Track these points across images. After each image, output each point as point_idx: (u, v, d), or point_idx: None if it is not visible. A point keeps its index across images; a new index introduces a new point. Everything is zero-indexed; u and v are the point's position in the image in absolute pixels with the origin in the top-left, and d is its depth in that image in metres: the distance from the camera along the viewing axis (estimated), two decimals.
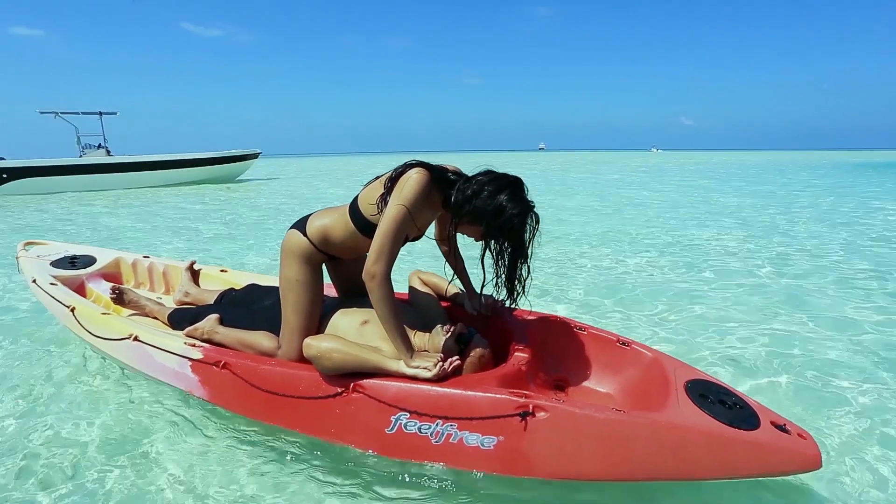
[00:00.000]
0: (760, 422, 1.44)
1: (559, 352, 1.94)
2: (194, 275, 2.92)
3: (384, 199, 1.65)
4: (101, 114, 17.31)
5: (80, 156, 16.33)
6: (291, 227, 1.90)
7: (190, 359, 1.93)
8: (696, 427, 1.38)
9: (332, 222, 1.82)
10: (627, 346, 1.86)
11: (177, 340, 2.02)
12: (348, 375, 1.63)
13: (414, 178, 1.60)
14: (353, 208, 1.77)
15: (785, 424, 1.46)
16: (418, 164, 1.65)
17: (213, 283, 2.90)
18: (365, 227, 1.74)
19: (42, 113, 16.65)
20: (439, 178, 1.66)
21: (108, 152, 16.69)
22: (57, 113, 16.68)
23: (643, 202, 9.66)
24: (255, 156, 18.02)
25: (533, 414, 1.42)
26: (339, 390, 1.62)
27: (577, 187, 13.25)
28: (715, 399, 1.52)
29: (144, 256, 3.15)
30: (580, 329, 1.96)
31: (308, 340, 1.65)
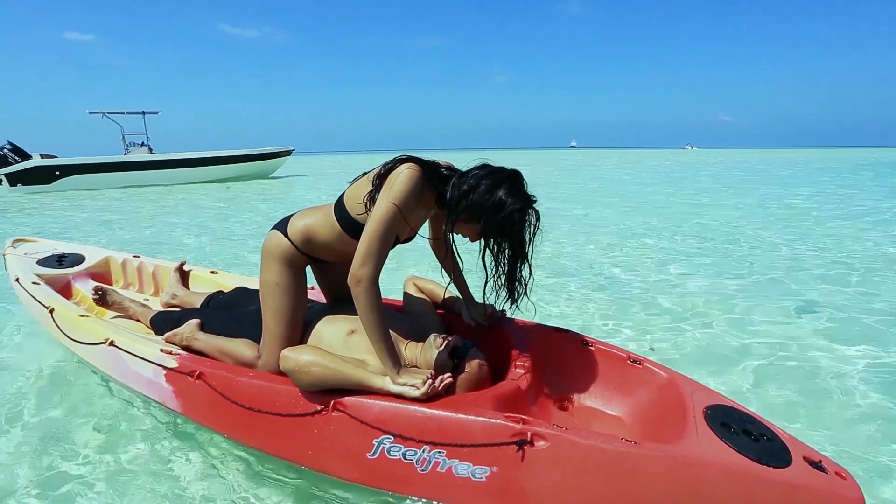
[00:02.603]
0: (792, 457, 1.26)
1: (564, 368, 1.77)
2: (183, 276, 2.80)
3: (372, 197, 1.51)
4: (143, 113, 17.90)
5: (125, 153, 16.95)
6: (273, 228, 1.76)
7: (164, 367, 1.79)
8: (718, 463, 1.21)
9: (316, 222, 1.69)
10: (639, 364, 1.68)
11: (153, 347, 1.88)
12: (329, 392, 1.48)
13: (405, 174, 1.46)
14: (339, 207, 1.63)
15: (821, 461, 1.28)
16: (409, 159, 1.52)
17: (203, 286, 2.77)
18: (351, 227, 1.60)
19: (91, 113, 17.33)
20: (432, 173, 1.52)
21: (150, 150, 17.24)
22: (104, 113, 17.31)
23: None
24: (287, 153, 18.45)
25: (531, 443, 1.25)
26: (319, 408, 1.47)
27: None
28: (739, 429, 1.34)
29: (134, 256, 3.04)
30: (587, 343, 1.79)
31: (285, 352, 1.50)
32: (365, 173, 1.62)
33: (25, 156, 14.81)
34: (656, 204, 9.06)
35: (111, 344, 1.96)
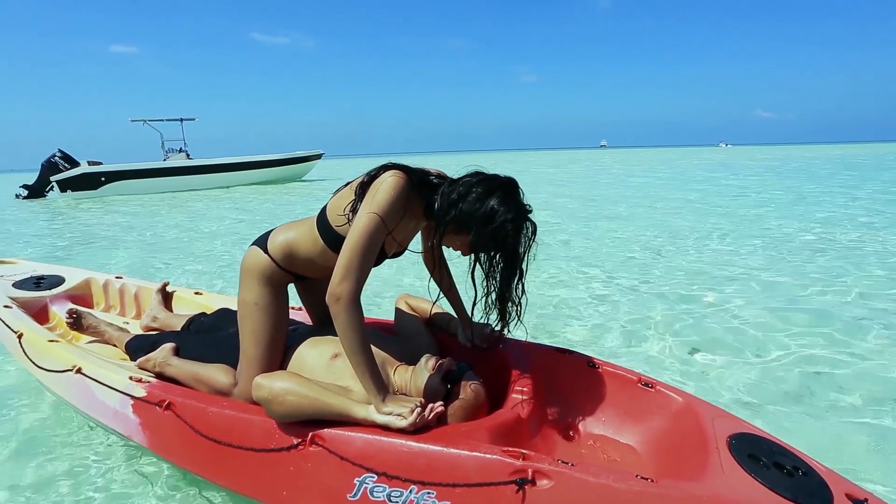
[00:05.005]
0: (833, 495, 1.10)
1: (569, 393, 1.62)
2: (166, 298, 2.66)
3: (354, 207, 1.39)
4: (181, 120, 18.62)
5: (164, 159, 17.66)
6: (252, 244, 1.64)
7: (132, 397, 1.64)
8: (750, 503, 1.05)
9: (298, 237, 1.57)
10: (651, 387, 1.53)
11: (122, 374, 1.73)
12: (308, 423, 1.32)
13: (388, 183, 1.34)
14: (322, 220, 1.51)
15: (867, 500, 1.11)
16: (394, 167, 1.40)
17: (187, 308, 2.63)
18: (334, 241, 1.47)
19: (133, 121, 18.16)
20: (420, 181, 1.40)
21: (188, 156, 17.93)
22: (145, 120, 18.10)
23: None
24: (318, 156, 19.00)
25: (533, 482, 1.09)
26: (295, 442, 1.31)
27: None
28: (769, 462, 1.18)
29: (117, 277, 2.90)
30: (594, 365, 1.64)
31: (258, 380, 1.36)
32: (348, 183, 1.51)
33: (74, 163, 15.52)
34: (682, 209, 8.72)
35: (78, 371, 1.81)
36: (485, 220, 1.32)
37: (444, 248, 1.55)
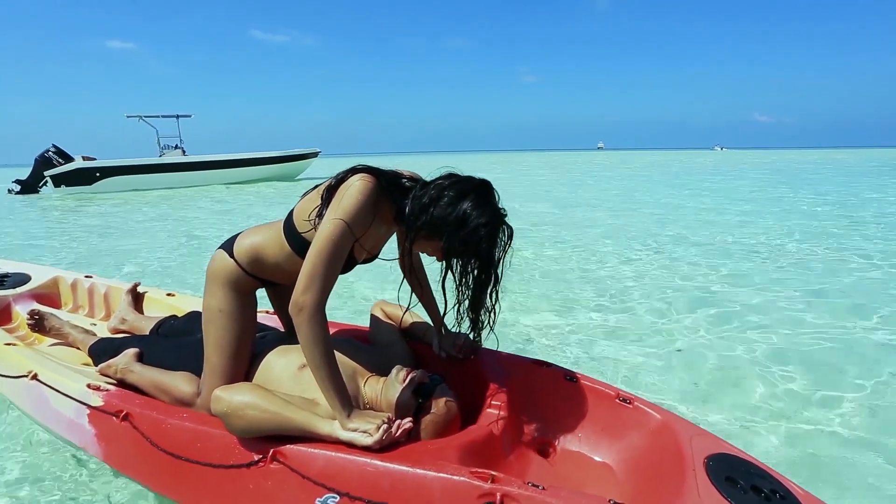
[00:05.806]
0: None
1: (545, 407, 1.57)
2: (137, 299, 2.57)
3: (320, 212, 1.34)
4: (177, 116, 18.41)
5: (160, 156, 17.51)
6: (219, 248, 1.57)
7: (88, 406, 1.56)
8: None
9: (264, 241, 1.50)
10: (629, 403, 1.48)
11: (79, 382, 1.65)
12: (270, 438, 1.26)
13: (356, 187, 1.29)
14: (289, 224, 1.45)
15: None
16: (364, 170, 1.34)
17: (158, 309, 2.54)
18: (301, 247, 1.41)
19: (129, 117, 17.98)
20: (390, 185, 1.35)
21: (184, 152, 17.78)
22: (141, 116, 17.91)
23: None
24: (314, 154, 18.79)
25: None
26: (255, 458, 1.25)
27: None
28: (746, 485, 1.14)
29: (86, 276, 2.80)
30: (572, 378, 1.59)
31: (217, 392, 1.29)
32: (317, 186, 1.45)
33: (69, 158, 15.28)
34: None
35: (34, 377, 1.72)
36: (457, 224, 1.27)
37: (421, 253, 1.50)
